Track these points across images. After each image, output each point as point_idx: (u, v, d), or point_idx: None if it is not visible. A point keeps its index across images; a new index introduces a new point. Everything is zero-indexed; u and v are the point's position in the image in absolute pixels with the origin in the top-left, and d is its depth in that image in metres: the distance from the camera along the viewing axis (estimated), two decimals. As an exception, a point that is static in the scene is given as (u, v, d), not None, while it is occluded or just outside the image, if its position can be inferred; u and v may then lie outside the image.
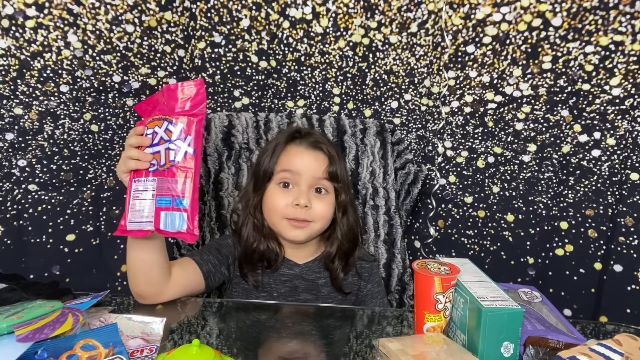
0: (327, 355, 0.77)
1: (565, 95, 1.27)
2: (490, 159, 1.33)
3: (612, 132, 1.24)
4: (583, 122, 1.26)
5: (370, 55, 1.35)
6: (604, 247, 1.26)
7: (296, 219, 0.98)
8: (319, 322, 0.88)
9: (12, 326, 0.66)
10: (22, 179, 1.26)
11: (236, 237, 1.07)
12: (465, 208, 1.36)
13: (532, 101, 1.29)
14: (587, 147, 1.27)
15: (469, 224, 1.36)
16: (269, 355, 0.77)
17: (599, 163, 1.26)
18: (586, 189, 1.28)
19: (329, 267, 1.04)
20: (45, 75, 1.25)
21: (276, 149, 1.04)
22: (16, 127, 1.25)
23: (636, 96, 1.22)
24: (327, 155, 1.03)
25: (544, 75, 1.27)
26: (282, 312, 0.93)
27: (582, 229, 1.28)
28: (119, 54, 1.29)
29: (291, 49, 1.34)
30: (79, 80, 1.28)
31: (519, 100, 1.29)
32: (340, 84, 1.37)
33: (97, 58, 1.28)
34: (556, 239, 1.30)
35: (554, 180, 1.30)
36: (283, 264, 1.04)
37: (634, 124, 1.22)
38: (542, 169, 1.31)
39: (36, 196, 1.27)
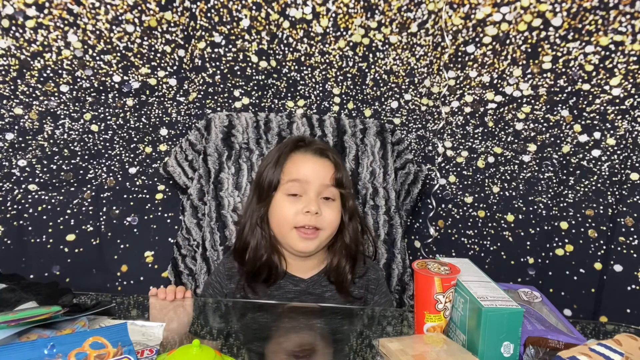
0: (328, 355, 0.77)
1: (565, 95, 1.27)
2: (490, 159, 1.33)
3: (612, 132, 1.24)
4: (583, 122, 1.26)
5: (370, 55, 1.35)
6: (604, 247, 1.26)
7: (307, 228, 0.97)
8: (319, 322, 0.88)
9: (5, 321, 0.67)
10: (22, 179, 1.26)
11: (237, 254, 1.04)
12: (465, 208, 1.36)
13: (532, 101, 1.29)
14: (587, 147, 1.27)
15: (469, 224, 1.36)
16: (269, 355, 0.77)
17: (599, 163, 1.26)
18: (586, 189, 1.28)
19: (332, 279, 1.03)
20: (45, 75, 1.25)
21: (280, 158, 1.02)
22: (16, 127, 1.25)
23: (636, 96, 1.22)
24: (333, 162, 1.02)
25: (544, 75, 1.27)
26: (282, 312, 0.93)
27: (582, 229, 1.28)
28: (119, 54, 1.29)
29: (291, 49, 1.34)
30: (79, 80, 1.28)
31: (519, 100, 1.29)
32: (340, 84, 1.37)
33: (97, 58, 1.28)
34: (556, 239, 1.30)
35: (554, 180, 1.30)
36: (288, 281, 1.03)
37: (634, 124, 1.22)
38: (542, 169, 1.31)
39: (36, 196, 1.28)
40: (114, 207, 1.34)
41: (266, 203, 1.02)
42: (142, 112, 1.34)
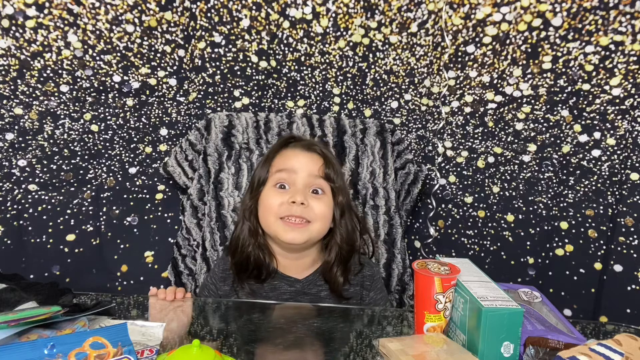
0: (327, 356, 0.77)
1: (565, 95, 1.27)
2: (490, 159, 1.33)
3: (612, 132, 1.24)
4: (583, 122, 1.26)
5: (370, 55, 1.35)
6: (604, 247, 1.26)
7: (292, 217, 0.96)
8: (319, 322, 0.88)
9: (5, 321, 0.67)
10: (22, 179, 1.26)
11: (230, 250, 1.04)
12: (465, 208, 1.36)
13: (532, 101, 1.29)
14: (587, 147, 1.27)
15: (469, 224, 1.36)
16: (268, 356, 0.77)
17: (599, 163, 1.26)
18: (586, 189, 1.28)
19: (327, 278, 1.02)
20: (45, 75, 1.25)
21: (269, 155, 1.04)
22: (16, 127, 1.25)
23: (636, 96, 1.22)
24: (322, 156, 1.02)
25: (544, 75, 1.27)
26: (282, 312, 0.93)
27: (582, 229, 1.28)
28: (119, 54, 1.29)
29: (291, 49, 1.34)
30: (79, 80, 1.28)
31: (519, 100, 1.29)
32: (340, 84, 1.37)
33: (97, 58, 1.28)
34: (556, 239, 1.30)
35: (554, 180, 1.30)
36: (283, 282, 1.02)
37: (634, 124, 1.22)
38: (542, 169, 1.31)
39: (36, 196, 1.28)
40: (114, 207, 1.34)
41: (255, 196, 1.02)
42: (142, 112, 1.34)
